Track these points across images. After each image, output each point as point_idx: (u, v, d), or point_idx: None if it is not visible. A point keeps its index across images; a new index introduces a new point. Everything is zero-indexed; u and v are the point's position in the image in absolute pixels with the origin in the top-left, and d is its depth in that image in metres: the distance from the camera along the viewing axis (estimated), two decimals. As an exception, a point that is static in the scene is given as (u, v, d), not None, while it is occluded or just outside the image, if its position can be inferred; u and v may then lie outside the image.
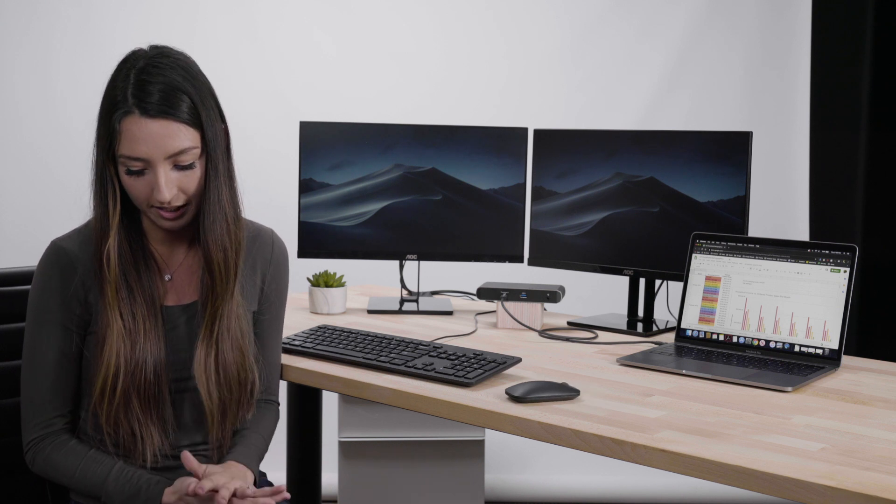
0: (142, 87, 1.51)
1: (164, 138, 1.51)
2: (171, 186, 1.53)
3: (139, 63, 1.54)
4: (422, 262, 2.56)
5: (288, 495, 1.59)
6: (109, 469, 1.58)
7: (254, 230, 1.75)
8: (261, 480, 1.85)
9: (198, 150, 1.55)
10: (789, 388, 1.76)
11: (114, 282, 1.56)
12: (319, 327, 2.11)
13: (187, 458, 1.54)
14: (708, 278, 2.09)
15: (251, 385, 1.67)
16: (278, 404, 1.84)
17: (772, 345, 2.00)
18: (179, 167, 1.54)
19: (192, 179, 1.56)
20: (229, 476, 1.56)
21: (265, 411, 1.78)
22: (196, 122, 1.54)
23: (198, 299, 1.65)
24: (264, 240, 1.77)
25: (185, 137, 1.53)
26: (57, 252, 1.60)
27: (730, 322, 2.05)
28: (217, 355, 1.62)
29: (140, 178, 1.53)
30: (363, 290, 2.77)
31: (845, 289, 1.94)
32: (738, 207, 2.19)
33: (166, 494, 1.54)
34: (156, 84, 1.51)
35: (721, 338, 2.06)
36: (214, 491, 1.49)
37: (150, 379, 1.58)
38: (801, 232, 3.34)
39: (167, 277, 1.66)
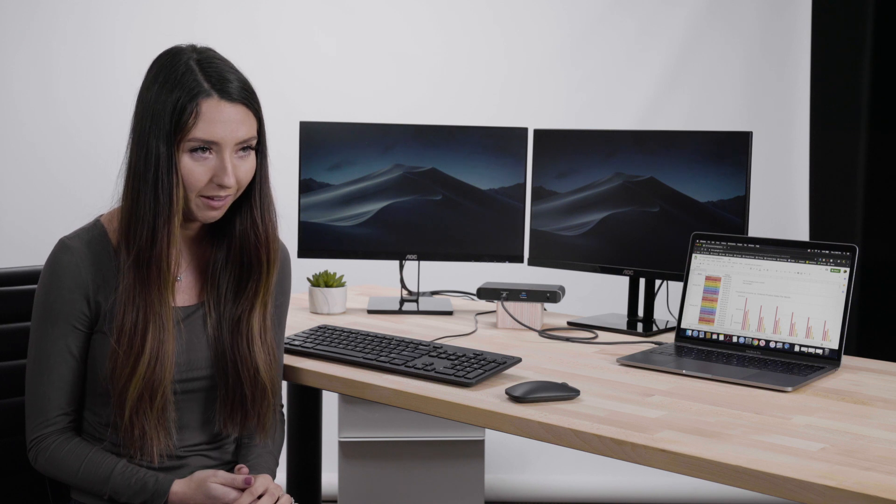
0: (216, 74, 1.56)
1: (238, 123, 1.56)
2: (234, 172, 1.57)
3: (193, 55, 1.58)
4: (422, 262, 2.56)
5: None
6: (114, 465, 1.58)
7: None
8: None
9: (255, 141, 1.61)
10: (789, 388, 1.76)
11: (174, 270, 1.58)
12: (319, 327, 2.11)
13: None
14: (708, 278, 2.09)
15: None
16: (282, 406, 1.84)
17: (772, 345, 2.00)
18: (240, 156, 1.58)
19: (248, 170, 1.60)
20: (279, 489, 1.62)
21: (275, 424, 1.79)
22: (258, 112, 1.61)
23: (200, 301, 1.66)
24: None
25: (251, 126, 1.58)
26: (65, 250, 1.60)
27: (730, 322, 2.05)
28: (269, 340, 1.67)
29: (203, 163, 1.55)
30: (363, 290, 2.77)
31: (845, 289, 1.94)
32: (738, 207, 2.19)
33: (176, 484, 1.56)
34: (229, 72, 1.58)
35: (721, 338, 2.06)
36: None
37: (160, 377, 1.57)
38: (801, 232, 3.34)
39: (178, 278, 1.66)
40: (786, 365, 1.91)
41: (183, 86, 1.53)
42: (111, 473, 1.57)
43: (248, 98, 1.58)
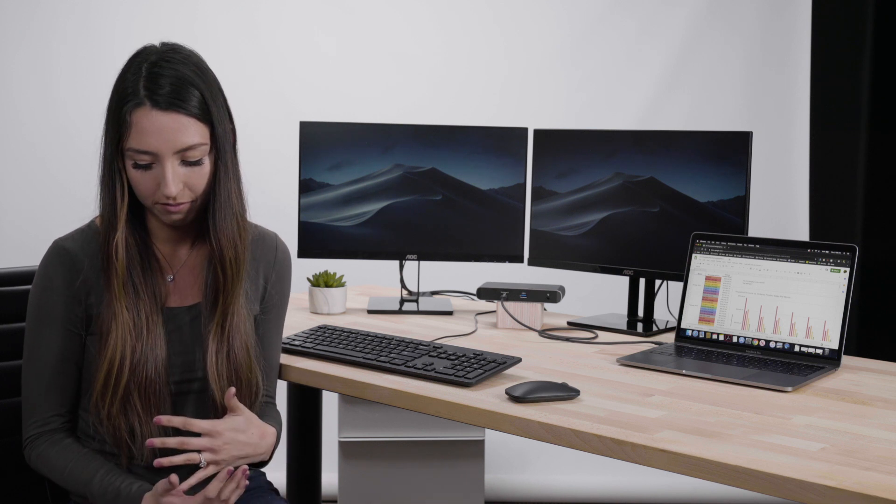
0: (153, 79, 1.51)
1: (173, 132, 1.51)
2: (178, 181, 1.53)
3: (151, 57, 1.54)
4: (422, 262, 2.56)
5: (246, 482, 1.56)
6: (96, 471, 1.57)
7: (258, 233, 1.75)
8: (258, 479, 1.85)
9: (206, 147, 1.55)
10: (789, 388, 1.76)
11: (122, 275, 1.56)
12: (319, 327, 2.11)
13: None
14: (708, 278, 2.09)
15: (256, 386, 1.67)
16: (269, 398, 1.83)
17: (772, 345, 2.00)
18: (187, 163, 1.54)
19: (200, 176, 1.56)
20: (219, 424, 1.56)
21: (269, 410, 1.78)
22: (206, 117, 1.54)
23: (201, 300, 1.65)
24: (268, 243, 1.77)
25: (194, 132, 1.53)
26: (59, 252, 1.60)
27: (730, 322, 2.05)
28: (228, 353, 1.62)
29: (147, 171, 1.53)
30: (363, 290, 2.77)
31: (845, 289, 1.94)
32: (738, 207, 2.19)
33: (145, 499, 1.53)
34: (167, 77, 1.52)
35: (721, 338, 2.06)
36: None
37: (152, 377, 1.57)
38: (801, 232, 3.34)
39: (170, 278, 1.66)
40: (786, 365, 1.91)
41: (124, 91, 1.53)
42: (91, 479, 1.57)
43: (183, 105, 1.51)
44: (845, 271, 1.95)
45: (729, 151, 2.21)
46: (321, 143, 2.48)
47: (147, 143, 1.51)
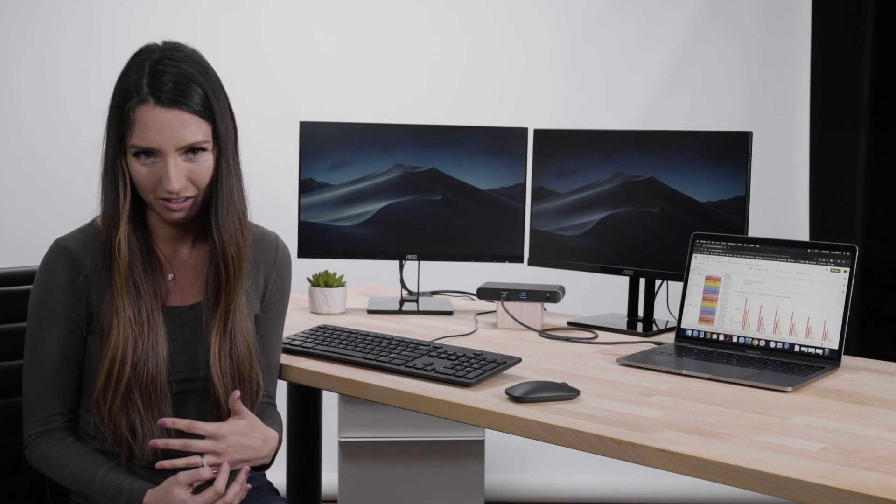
0: (156, 77, 1.52)
1: (176, 128, 1.52)
2: (181, 176, 1.54)
3: (153, 55, 1.55)
4: (422, 262, 2.56)
5: (248, 486, 1.57)
6: (97, 470, 1.58)
7: (259, 233, 1.75)
8: (258, 480, 1.85)
9: (209, 143, 1.56)
10: (789, 388, 1.76)
11: (124, 272, 1.57)
12: (319, 327, 2.11)
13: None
14: (708, 278, 2.09)
15: (257, 385, 1.68)
16: (270, 399, 1.83)
17: (772, 345, 2.00)
18: (190, 158, 1.55)
19: (203, 170, 1.56)
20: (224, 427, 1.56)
21: (270, 411, 1.79)
22: (208, 114, 1.55)
23: (202, 300, 1.65)
24: (269, 243, 1.77)
25: (197, 129, 1.54)
26: (60, 251, 1.60)
27: (730, 322, 2.05)
28: (231, 350, 1.63)
29: (150, 167, 1.54)
30: (363, 290, 2.77)
31: (845, 289, 1.94)
32: (738, 207, 2.19)
33: (148, 494, 1.53)
34: (170, 74, 1.53)
35: (721, 338, 2.06)
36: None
37: (153, 375, 1.58)
38: (801, 232, 3.34)
39: (171, 277, 1.66)
40: (786, 365, 1.91)
41: (127, 89, 1.53)
42: (93, 478, 1.57)
43: (185, 102, 1.52)
44: (845, 271, 1.95)
45: (729, 151, 2.21)
46: (321, 143, 2.48)
47: (150, 139, 1.52)
